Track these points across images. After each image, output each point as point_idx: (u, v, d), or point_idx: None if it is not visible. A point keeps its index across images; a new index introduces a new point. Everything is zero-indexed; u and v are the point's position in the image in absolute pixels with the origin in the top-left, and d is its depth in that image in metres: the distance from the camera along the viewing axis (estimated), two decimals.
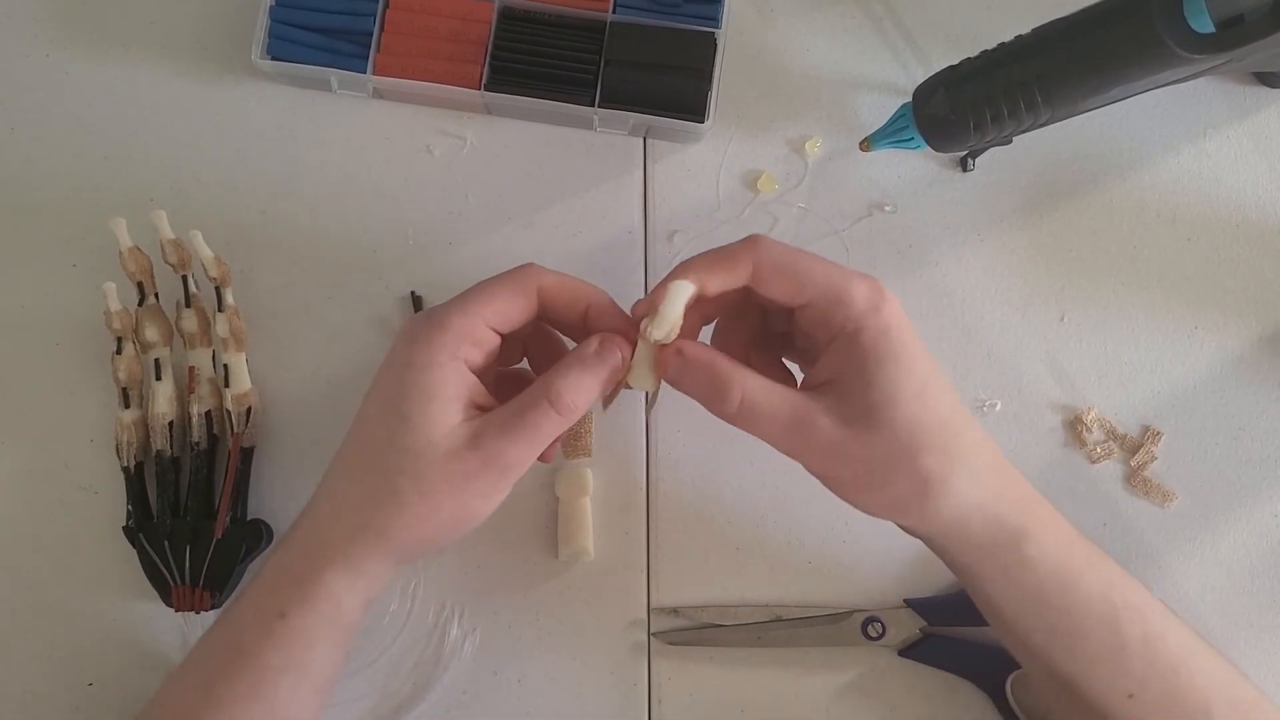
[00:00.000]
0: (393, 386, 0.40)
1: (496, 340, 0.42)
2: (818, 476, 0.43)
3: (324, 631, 0.42)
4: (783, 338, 0.48)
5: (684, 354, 0.41)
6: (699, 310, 0.43)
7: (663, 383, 0.43)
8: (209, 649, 0.44)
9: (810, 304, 0.40)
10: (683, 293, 0.40)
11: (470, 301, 0.41)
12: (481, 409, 0.41)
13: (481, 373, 0.42)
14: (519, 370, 0.49)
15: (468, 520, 0.41)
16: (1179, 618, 0.44)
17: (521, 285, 0.42)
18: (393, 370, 0.41)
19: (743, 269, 0.41)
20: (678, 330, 0.41)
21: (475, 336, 0.41)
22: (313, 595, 0.42)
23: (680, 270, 0.41)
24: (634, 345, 0.42)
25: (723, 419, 0.42)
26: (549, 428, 0.41)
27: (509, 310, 0.41)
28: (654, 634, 0.54)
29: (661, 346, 0.42)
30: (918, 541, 0.55)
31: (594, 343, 0.42)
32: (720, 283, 0.41)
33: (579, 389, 0.41)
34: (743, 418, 0.41)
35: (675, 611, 0.54)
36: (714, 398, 0.41)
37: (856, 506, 0.43)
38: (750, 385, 0.40)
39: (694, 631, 0.54)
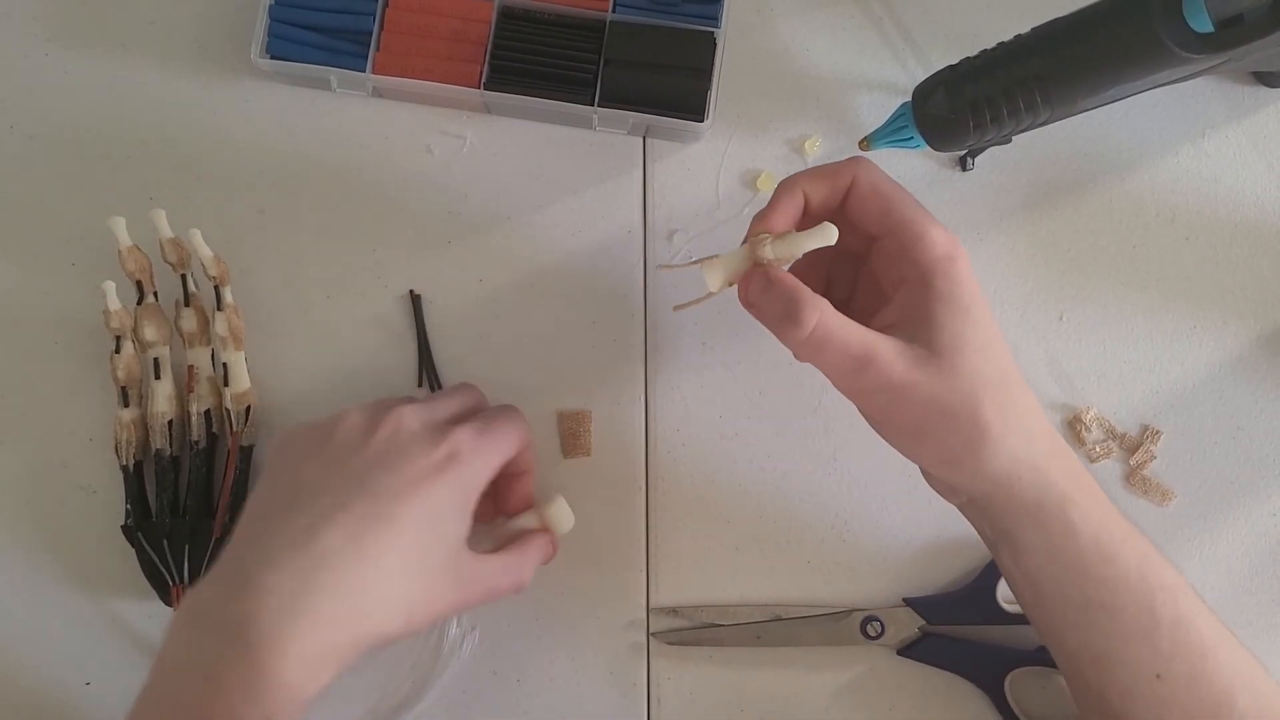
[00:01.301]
0: (436, 504, 0.43)
1: None
2: (872, 420, 0.44)
3: (305, 710, 0.40)
4: (843, 305, 0.48)
5: (770, 275, 0.42)
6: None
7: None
8: None
9: (890, 235, 0.42)
10: (827, 238, 0.42)
11: (501, 442, 0.47)
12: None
13: None
14: None
15: (421, 628, 0.46)
16: (1206, 603, 0.44)
17: (524, 439, 0.49)
18: (438, 489, 0.43)
19: (843, 182, 0.43)
20: (789, 264, 0.43)
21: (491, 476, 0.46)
22: (305, 692, 0.39)
23: (789, 184, 0.43)
24: None
25: (791, 347, 0.42)
26: (496, 598, 0.47)
27: (510, 456, 0.48)
28: (653, 634, 0.54)
29: (754, 264, 0.43)
30: (917, 540, 0.55)
31: (543, 545, 0.50)
32: (823, 194, 0.43)
33: (530, 575, 0.49)
34: (812, 344, 0.41)
35: (674, 611, 0.54)
36: (788, 319, 0.41)
37: (906, 455, 0.44)
38: (827, 312, 0.41)
39: (693, 631, 0.54)
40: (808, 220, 0.44)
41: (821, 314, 0.41)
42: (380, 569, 0.40)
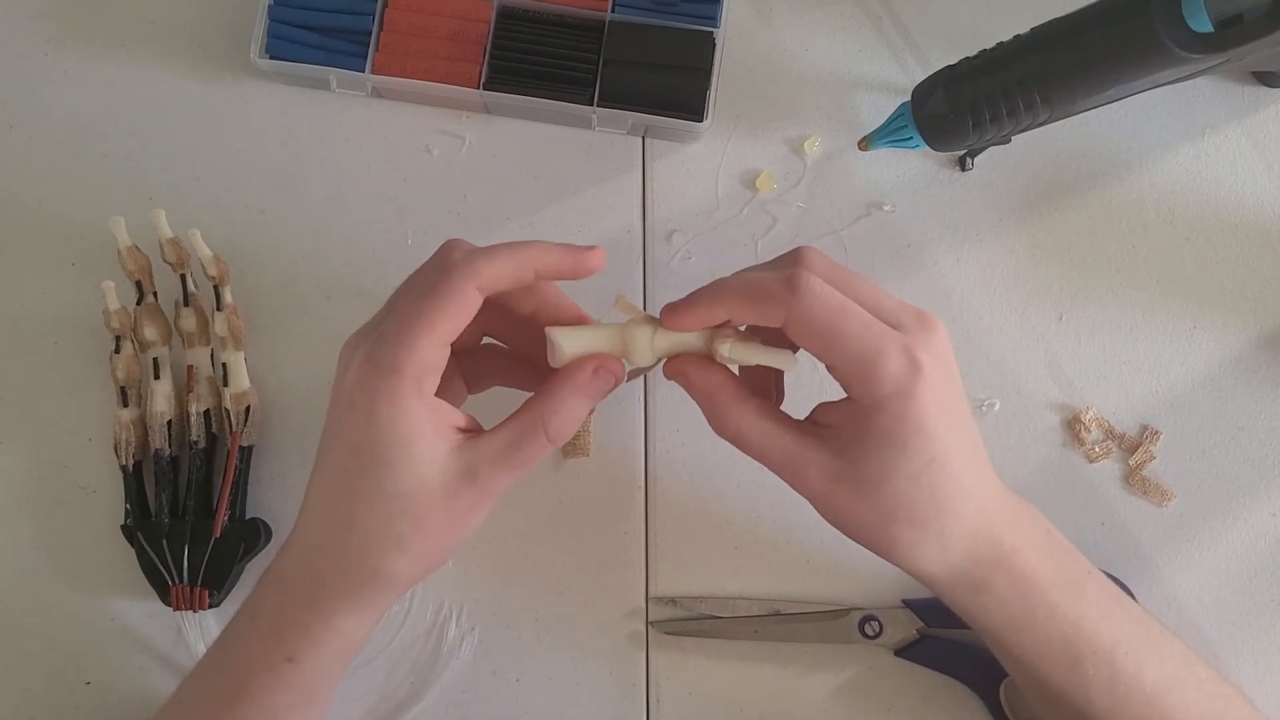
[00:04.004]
0: (363, 436, 0.38)
1: (449, 351, 0.39)
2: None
3: (332, 667, 0.43)
4: None
5: (688, 378, 0.41)
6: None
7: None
8: (205, 689, 0.44)
9: (834, 368, 0.39)
10: (786, 365, 0.40)
11: (415, 334, 0.38)
12: (460, 428, 0.40)
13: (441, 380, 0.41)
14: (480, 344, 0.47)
15: (464, 541, 0.42)
16: (1166, 643, 0.44)
17: (463, 297, 0.38)
18: (355, 418, 0.38)
19: (776, 317, 0.39)
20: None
21: (430, 365, 0.38)
22: (322, 639, 0.41)
23: (714, 295, 0.40)
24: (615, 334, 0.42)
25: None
26: (542, 455, 0.41)
27: (456, 328, 0.39)
28: (652, 623, 0.54)
29: (676, 357, 0.41)
30: None
31: (588, 370, 0.41)
32: (747, 320, 0.40)
33: (574, 419, 0.41)
34: (736, 445, 0.41)
35: (673, 602, 0.54)
36: (711, 421, 0.41)
37: None
38: (746, 426, 0.40)
39: (692, 622, 0.54)
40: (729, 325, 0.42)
41: (740, 427, 0.40)
42: (346, 519, 0.39)
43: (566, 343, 0.40)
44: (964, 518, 0.40)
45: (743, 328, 0.42)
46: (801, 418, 0.42)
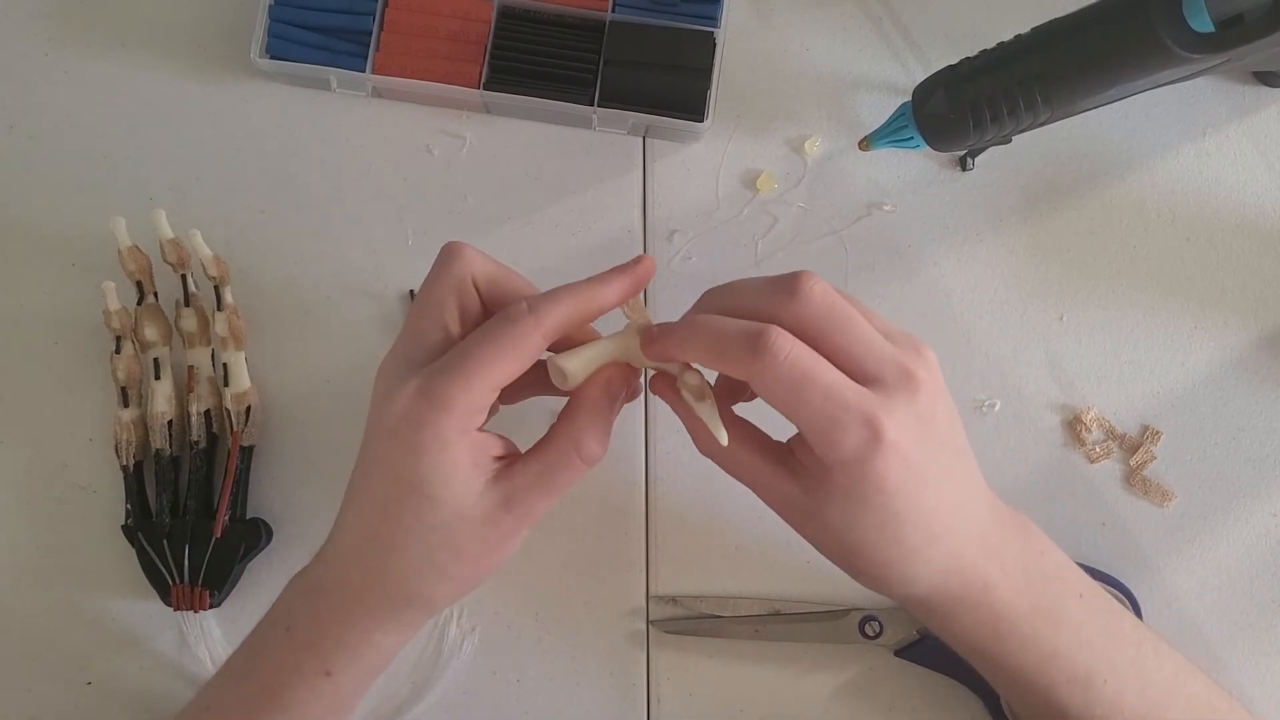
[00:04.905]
0: (405, 468, 0.39)
1: (498, 393, 0.40)
2: None
3: (366, 679, 0.43)
4: None
5: (669, 400, 0.42)
6: None
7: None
8: (233, 697, 0.44)
9: (798, 427, 0.39)
10: (719, 437, 0.40)
11: (473, 373, 0.38)
12: (498, 456, 0.41)
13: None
14: None
15: (502, 563, 0.42)
16: (1155, 666, 0.44)
17: (527, 344, 0.39)
18: (398, 450, 0.39)
19: (739, 374, 0.38)
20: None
21: (481, 405, 0.39)
22: (361, 654, 0.42)
23: (687, 337, 0.39)
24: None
25: None
26: (577, 478, 0.41)
27: (515, 373, 0.39)
28: (652, 622, 0.54)
29: (658, 376, 0.42)
30: None
31: (600, 387, 0.41)
32: (716, 370, 0.40)
33: (603, 437, 0.41)
34: (715, 463, 0.42)
35: (674, 600, 0.54)
36: (692, 439, 0.42)
37: None
38: (723, 450, 0.41)
39: (692, 621, 0.54)
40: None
41: (714, 451, 0.41)
42: (386, 545, 0.40)
43: (573, 366, 0.41)
44: (930, 562, 0.40)
45: None
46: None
